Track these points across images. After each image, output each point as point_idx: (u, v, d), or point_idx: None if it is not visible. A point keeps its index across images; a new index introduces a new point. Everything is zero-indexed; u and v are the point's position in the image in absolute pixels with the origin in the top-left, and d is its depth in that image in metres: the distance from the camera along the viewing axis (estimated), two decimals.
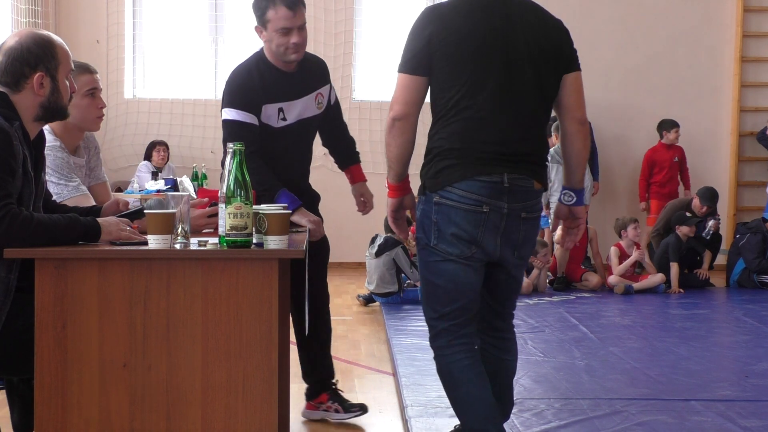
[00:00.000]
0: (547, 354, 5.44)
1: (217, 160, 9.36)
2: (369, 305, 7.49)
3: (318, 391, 4.19)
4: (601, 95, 9.47)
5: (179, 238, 2.66)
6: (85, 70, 3.46)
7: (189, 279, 2.62)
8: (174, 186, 7.96)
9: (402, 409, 4.33)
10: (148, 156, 9.22)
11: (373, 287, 7.32)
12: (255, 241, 2.67)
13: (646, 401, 4.40)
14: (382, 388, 4.87)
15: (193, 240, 2.74)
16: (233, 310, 2.63)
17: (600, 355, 5.45)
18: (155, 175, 8.34)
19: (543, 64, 2.98)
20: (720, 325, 6.83)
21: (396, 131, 3.00)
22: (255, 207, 2.69)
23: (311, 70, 3.99)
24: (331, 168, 4.65)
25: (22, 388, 3.14)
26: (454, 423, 3.99)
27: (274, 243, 2.63)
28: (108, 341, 2.61)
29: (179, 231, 2.66)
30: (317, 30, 9.41)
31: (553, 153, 7.67)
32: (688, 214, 8.48)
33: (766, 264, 8.46)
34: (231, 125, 3.79)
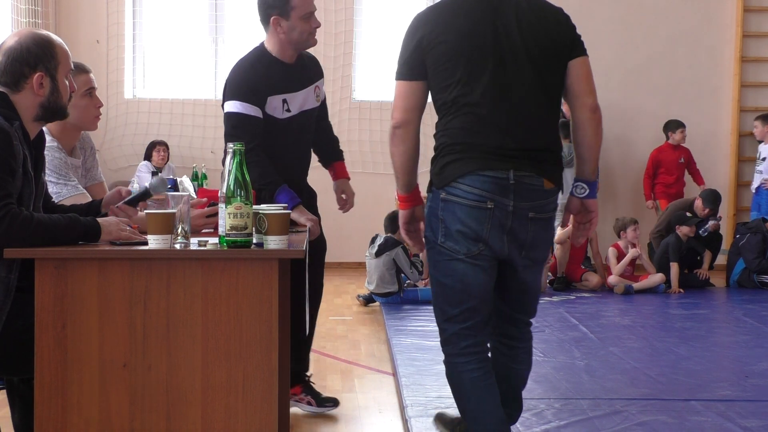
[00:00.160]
0: (547, 354, 5.44)
1: (218, 160, 9.36)
2: (369, 305, 7.49)
3: (292, 384, 4.20)
4: (601, 95, 9.25)
5: (179, 238, 2.67)
6: (82, 69, 3.46)
7: (189, 279, 2.62)
8: (174, 186, 7.95)
9: (402, 409, 4.33)
10: (148, 156, 9.22)
11: (373, 287, 7.32)
12: (255, 241, 2.67)
13: (646, 401, 4.40)
14: (382, 388, 4.86)
15: (193, 240, 2.74)
16: (233, 310, 2.63)
17: (600, 355, 5.45)
18: (155, 175, 8.33)
19: (541, 55, 2.91)
20: (720, 325, 6.83)
21: (397, 139, 2.97)
22: (255, 207, 2.69)
23: (307, 63, 4.08)
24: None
25: (22, 388, 3.14)
26: None
27: (274, 243, 2.63)
28: (108, 341, 2.61)
29: (179, 231, 2.67)
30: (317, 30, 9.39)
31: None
32: (688, 214, 8.48)
33: (766, 264, 8.46)
34: (234, 117, 3.81)
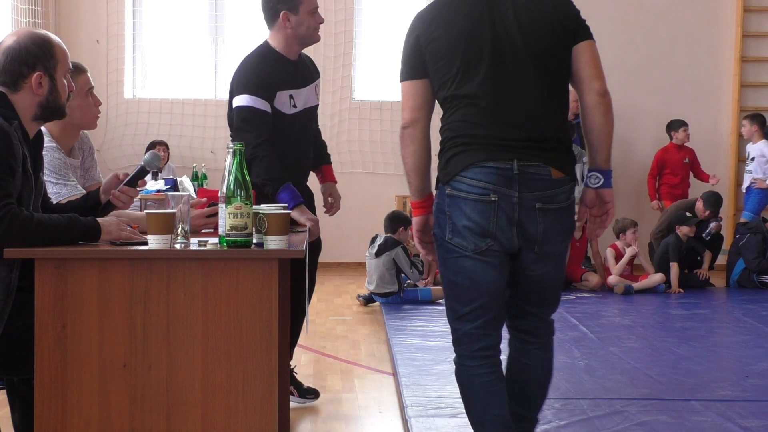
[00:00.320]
0: None
1: (218, 160, 9.38)
2: (369, 305, 7.49)
3: None
4: None
5: (179, 238, 2.67)
6: (81, 69, 3.46)
7: (189, 279, 2.62)
8: (174, 186, 7.97)
9: (402, 409, 4.33)
10: None
11: (373, 287, 7.32)
12: (255, 241, 2.67)
13: (646, 401, 4.40)
14: (382, 388, 4.87)
15: (193, 240, 2.74)
16: (233, 310, 2.63)
17: (600, 355, 5.45)
18: (155, 175, 8.33)
19: (540, 44, 2.85)
20: (720, 325, 6.82)
21: (406, 140, 2.94)
22: (255, 207, 2.69)
23: (306, 62, 4.15)
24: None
25: (22, 388, 3.14)
26: (453, 423, 4.00)
27: (274, 243, 2.63)
28: (108, 341, 2.61)
29: (179, 231, 2.67)
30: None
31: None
32: (688, 214, 8.48)
33: (766, 264, 8.46)
34: (245, 111, 3.83)
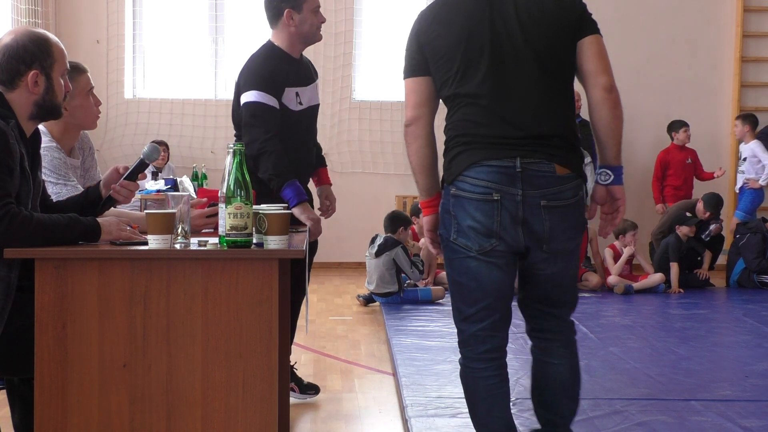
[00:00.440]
0: None
1: (218, 160, 9.37)
2: (369, 305, 7.49)
3: None
4: None
5: (179, 238, 2.67)
6: (82, 70, 3.45)
7: (189, 279, 2.62)
8: (174, 186, 7.97)
9: (402, 409, 4.33)
10: None
11: (373, 287, 7.32)
12: (255, 241, 2.67)
13: (646, 401, 4.40)
14: (382, 388, 4.87)
15: (193, 240, 2.74)
16: (233, 310, 2.63)
17: (600, 355, 5.45)
18: (155, 175, 8.33)
19: (542, 41, 2.83)
20: (720, 325, 6.82)
21: (410, 137, 2.94)
22: (255, 207, 2.69)
23: (306, 63, 4.19)
24: (331, 168, 4.67)
25: (22, 388, 3.14)
26: (453, 423, 4.00)
27: (274, 243, 2.63)
28: (108, 341, 2.61)
29: (179, 231, 2.67)
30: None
31: None
32: (688, 214, 8.47)
33: (766, 264, 8.46)
34: (254, 106, 3.87)
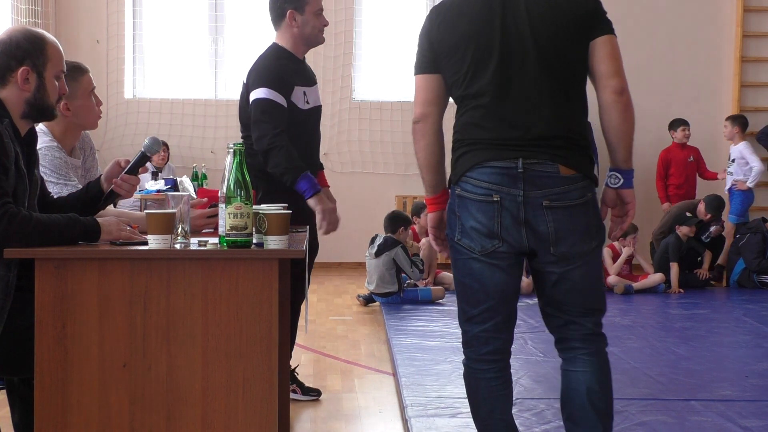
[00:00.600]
0: (547, 354, 5.43)
1: (218, 160, 9.37)
2: (369, 305, 7.49)
3: None
4: None
5: (179, 238, 2.67)
6: (84, 70, 3.44)
7: (189, 279, 2.62)
8: (174, 186, 7.97)
9: (402, 409, 4.33)
10: None
11: (373, 287, 7.32)
12: (255, 241, 2.67)
13: (646, 401, 4.40)
14: (382, 388, 4.87)
15: (193, 240, 2.74)
16: (233, 310, 2.63)
17: None
18: (155, 175, 8.34)
19: (552, 42, 2.81)
20: (720, 325, 6.82)
21: (417, 134, 2.93)
22: (255, 207, 2.69)
23: (308, 65, 4.25)
24: (331, 168, 4.67)
25: (22, 388, 3.14)
26: (453, 423, 4.00)
27: (274, 243, 2.63)
28: (108, 341, 2.61)
29: (179, 231, 2.67)
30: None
31: None
32: (689, 214, 8.47)
33: (766, 264, 8.46)
34: (263, 103, 3.92)
